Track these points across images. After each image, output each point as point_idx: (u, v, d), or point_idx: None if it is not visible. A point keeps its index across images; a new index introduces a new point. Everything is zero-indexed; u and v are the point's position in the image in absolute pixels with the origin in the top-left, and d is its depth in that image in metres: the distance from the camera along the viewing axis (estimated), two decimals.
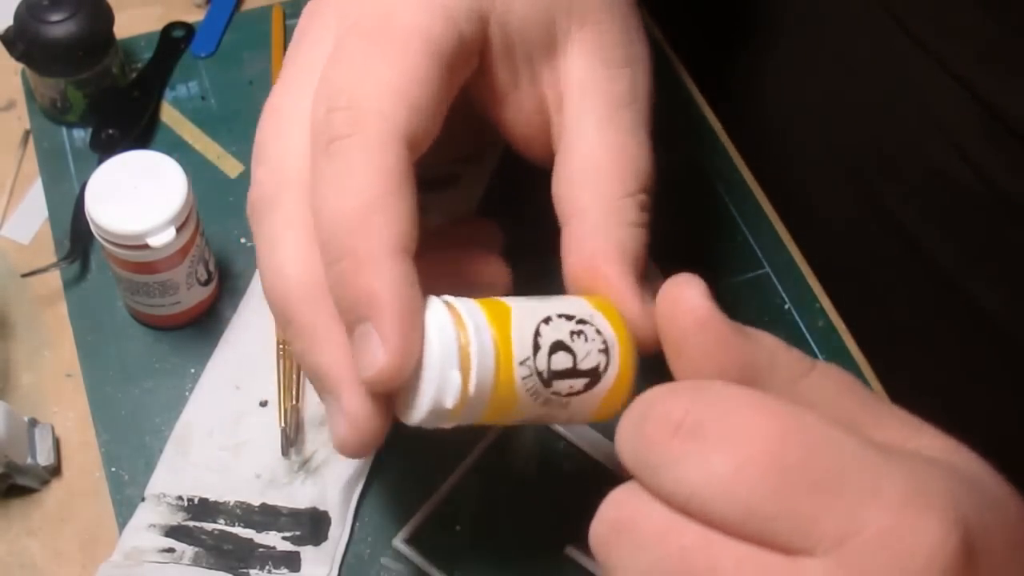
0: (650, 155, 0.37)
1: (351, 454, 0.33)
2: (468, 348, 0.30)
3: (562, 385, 0.32)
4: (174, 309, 0.49)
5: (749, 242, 0.57)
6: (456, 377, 0.30)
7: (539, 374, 0.31)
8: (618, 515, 0.27)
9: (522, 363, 0.31)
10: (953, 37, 0.51)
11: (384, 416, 0.32)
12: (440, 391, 0.30)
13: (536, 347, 0.31)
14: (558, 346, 0.31)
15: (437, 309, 0.31)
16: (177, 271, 0.47)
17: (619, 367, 0.33)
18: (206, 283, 0.50)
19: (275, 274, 0.33)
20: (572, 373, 0.32)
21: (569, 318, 0.32)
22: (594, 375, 0.32)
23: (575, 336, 0.32)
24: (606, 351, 0.32)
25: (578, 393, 0.32)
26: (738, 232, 0.57)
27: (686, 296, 0.29)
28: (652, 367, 0.32)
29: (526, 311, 0.32)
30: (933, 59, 0.52)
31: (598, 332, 0.32)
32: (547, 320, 0.32)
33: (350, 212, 0.31)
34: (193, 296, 0.49)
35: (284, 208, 0.33)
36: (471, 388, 0.30)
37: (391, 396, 0.32)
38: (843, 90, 0.60)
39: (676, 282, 0.29)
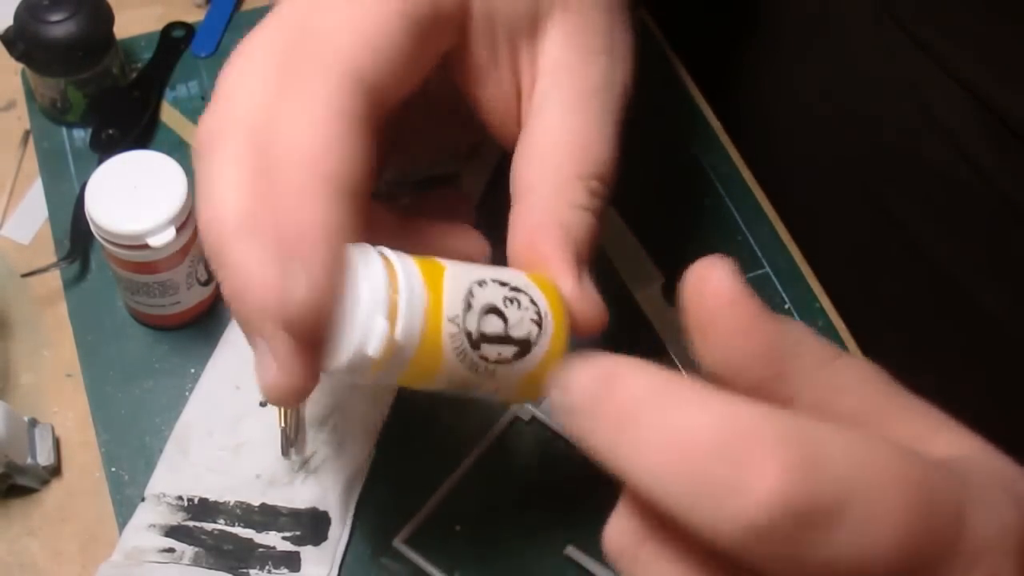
0: (613, 146, 0.37)
1: (279, 399, 0.32)
2: (397, 296, 0.30)
3: (491, 351, 0.31)
4: (174, 309, 0.49)
5: (749, 242, 0.57)
6: (382, 324, 0.30)
7: (468, 334, 0.31)
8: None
9: (451, 320, 0.30)
10: (955, 38, 0.51)
11: (314, 363, 0.32)
12: (364, 337, 0.30)
13: (468, 307, 0.31)
14: (490, 309, 0.31)
15: (370, 257, 0.31)
16: (177, 271, 0.47)
17: (551, 342, 0.32)
18: (206, 283, 0.50)
19: (213, 209, 0.32)
20: (502, 339, 0.31)
21: (504, 284, 0.32)
22: (525, 345, 0.32)
23: (508, 302, 0.31)
24: (539, 323, 0.32)
25: (506, 362, 0.31)
26: (738, 232, 0.57)
27: (716, 276, 0.27)
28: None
29: (461, 271, 0.32)
30: (935, 60, 0.52)
31: (532, 302, 0.32)
32: (481, 283, 0.31)
33: (300, 144, 0.31)
34: (193, 296, 0.49)
35: (229, 143, 0.33)
36: (397, 336, 0.30)
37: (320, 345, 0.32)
38: (844, 91, 0.60)
39: (705, 263, 0.28)
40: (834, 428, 0.23)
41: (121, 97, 0.57)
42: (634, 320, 0.53)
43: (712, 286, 0.27)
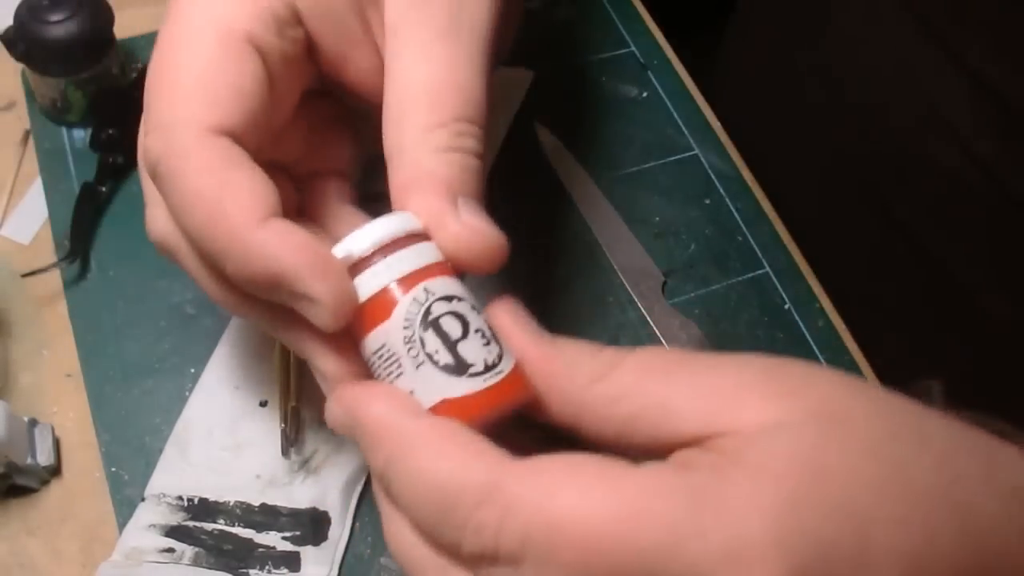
0: (473, 86, 0.35)
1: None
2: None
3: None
4: None
5: (749, 242, 0.57)
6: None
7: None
8: None
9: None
10: (968, 28, 0.51)
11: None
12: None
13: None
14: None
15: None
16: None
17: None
18: None
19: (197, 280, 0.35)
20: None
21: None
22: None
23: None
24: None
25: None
26: (738, 232, 0.57)
27: (504, 304, 0.31)
28: None
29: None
30: (945, 52, 0.52)
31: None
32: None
33: (203, 217, 0.31)
34: None
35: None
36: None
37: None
38: (846, 89, 0.60)
39: (499, 300, 0.32)
40: (533, 474, 0.27)
41: (121, 97, 0.57)
42: (634, 320, 0.53)
43: (503, 315, 0.32)
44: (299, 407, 0.47)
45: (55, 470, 0.46)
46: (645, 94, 0.62)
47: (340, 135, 0.40)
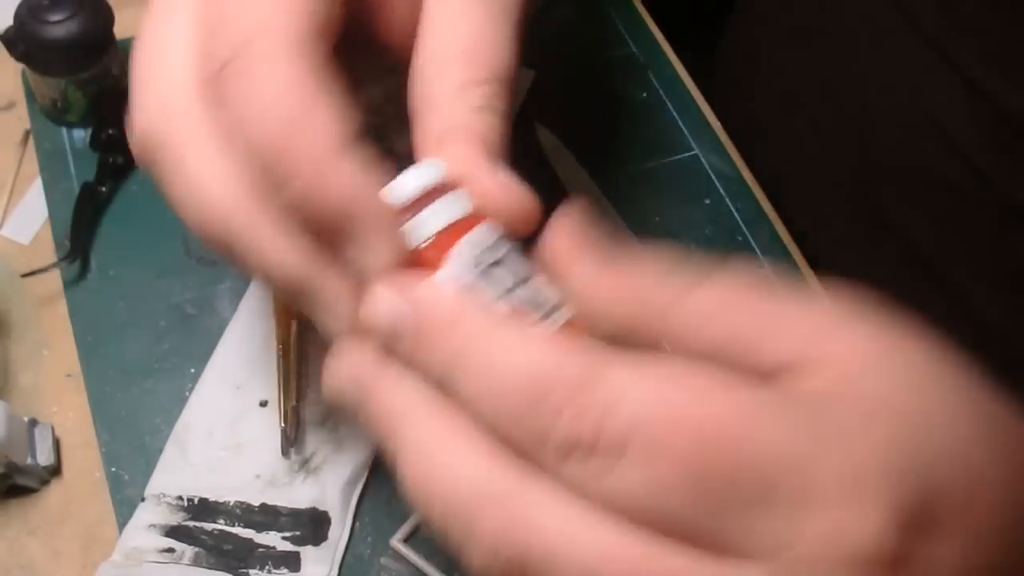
0: (508, 48, 0.35)
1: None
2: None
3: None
4: None
5: (749, 242, 0.57)
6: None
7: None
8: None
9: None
10: (962, 34, 0.51)
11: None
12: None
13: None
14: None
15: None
16: None
17: None
18: None
19: (202, 198, 0.32)
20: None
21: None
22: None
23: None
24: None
25: None
26: (738, 232, 0.57)
27: (563, 225, 0.29)
28: None
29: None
30: (940, 58, 0.52)
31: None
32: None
33: (278, 131, 0.29)
34: None
35: (182, 136, 0.33)
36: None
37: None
38: (845, 91, 0.60)
39: (559, 218, 0.30)
40: (641, 368, 0.24)
41: (121, 97, 0.57)
42: None
43: (560, 237, 0.29)
44: (299, 407, 0.47)
45: (55, 470, 0.46)
46: (645, 94, 0.62)
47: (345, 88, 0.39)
